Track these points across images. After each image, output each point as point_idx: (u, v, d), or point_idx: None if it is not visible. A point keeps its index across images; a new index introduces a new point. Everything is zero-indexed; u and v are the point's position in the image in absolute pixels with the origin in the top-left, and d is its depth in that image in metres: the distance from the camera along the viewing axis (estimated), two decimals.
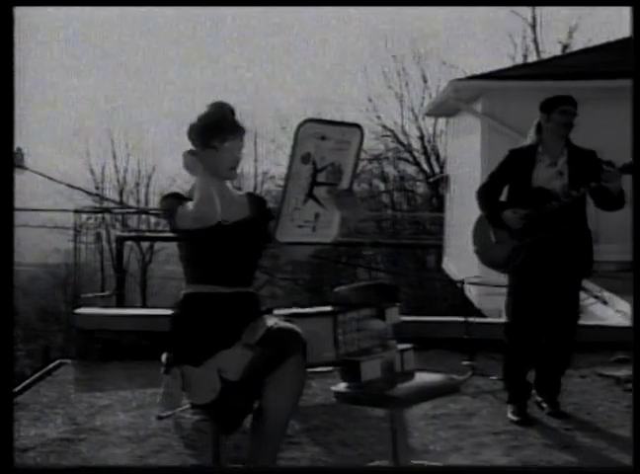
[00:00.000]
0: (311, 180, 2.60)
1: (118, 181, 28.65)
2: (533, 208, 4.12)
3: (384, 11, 42.93)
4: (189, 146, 2.83)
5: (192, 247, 2.85)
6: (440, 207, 18.21)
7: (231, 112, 2.82)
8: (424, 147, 25.80)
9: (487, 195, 4.32)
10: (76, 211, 17.10)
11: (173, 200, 2.76)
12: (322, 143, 2.56)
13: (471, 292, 9.20)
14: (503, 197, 4.35)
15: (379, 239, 20.92)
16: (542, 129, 4.23)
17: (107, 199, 24.36)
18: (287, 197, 2.58)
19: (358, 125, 2.68)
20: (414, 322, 5.57)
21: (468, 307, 7.04)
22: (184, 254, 2.88)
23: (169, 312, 2.89)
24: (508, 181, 4.28)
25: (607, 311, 7.01)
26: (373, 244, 19.68)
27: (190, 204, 2.69)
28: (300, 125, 2.50)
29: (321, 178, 2.62)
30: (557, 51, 23.27)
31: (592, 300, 7.11)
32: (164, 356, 2.85)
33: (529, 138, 4.29)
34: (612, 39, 12.22)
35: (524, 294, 4.20)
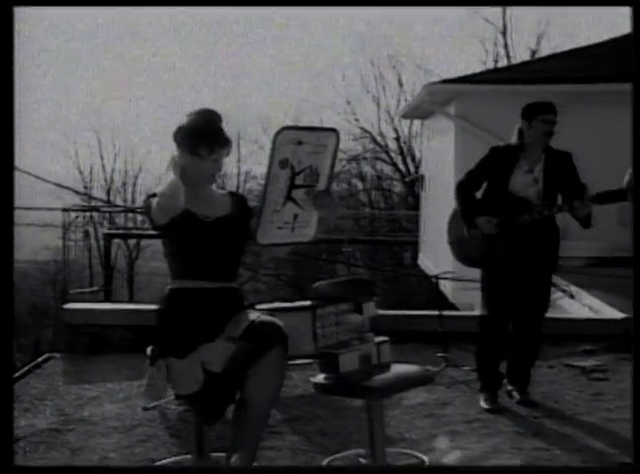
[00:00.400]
0: (289, 183, 2.71)
1: (105, 180, 28.79)
2: (507, 218, 4.22)
3: (362, 17, 43.19)
4: (174, 147, 2.88)
5: (176, 243, 2.90)
6: (416, 206, 18.38)
7: (220, 120, 2.86)
8: (400, 148, 26.03)
9: (465, 191, 4.35)
10: (65, 210, 17.08)
11: (153, 200, 2.79)
12: (299, 148, 2.65)
13: (445, 287, 9.36)
14: (480, 193, 4.41)
15: (358, 236, 21.11)
16: (524, 135, 4.27)
17: (95, 198, 24.35)
18: (267, 200, 2.69)
19: (333, 129, 2.77)
20: (390, 316, 5.62)
21: (442, 301, 7.17)
22: (168, 250, 2.93)
23: (155, 307, 2.95)
24: (486, 178, 4.34)
25: (574, 305, 7.14)
26: (352, 241, 19.80)
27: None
28: (278, 133, 2.60)
29: (299, 180, 2.73)
30: (526, 57, 23.76)
31: (559, 294, 7.23)
32: (149, 349, 2.92)
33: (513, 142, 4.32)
34: (578, 45, 12.59)
35: (498, 289, 4.30)
